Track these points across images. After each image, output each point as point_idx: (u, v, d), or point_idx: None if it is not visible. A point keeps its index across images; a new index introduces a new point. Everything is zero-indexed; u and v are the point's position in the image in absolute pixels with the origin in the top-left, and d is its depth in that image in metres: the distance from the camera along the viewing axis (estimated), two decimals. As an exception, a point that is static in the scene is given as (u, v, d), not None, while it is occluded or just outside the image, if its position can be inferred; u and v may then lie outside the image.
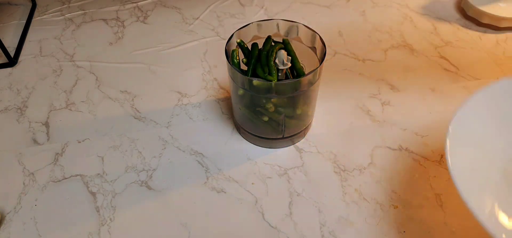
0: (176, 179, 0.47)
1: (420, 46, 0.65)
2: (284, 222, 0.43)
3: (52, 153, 0.51)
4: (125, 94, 0.59)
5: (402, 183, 0.46)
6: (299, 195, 0.45)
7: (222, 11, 0.75)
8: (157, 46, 0.67)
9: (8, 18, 0.75)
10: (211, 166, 0.49)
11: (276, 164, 0.49)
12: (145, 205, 0.45)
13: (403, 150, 0.50)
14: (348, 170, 0.48)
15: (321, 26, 0.70)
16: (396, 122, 0.53)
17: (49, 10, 0.77)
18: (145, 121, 0.55)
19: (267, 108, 0.45)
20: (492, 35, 0.67)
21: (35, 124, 0.55)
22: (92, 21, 0.74)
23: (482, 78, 0.59)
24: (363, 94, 0.57)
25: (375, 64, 0.62)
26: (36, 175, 0.49)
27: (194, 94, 0.58)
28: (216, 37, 0.69)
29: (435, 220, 0.43)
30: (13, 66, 0.65)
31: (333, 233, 0.42)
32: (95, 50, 0.67)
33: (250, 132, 0.50)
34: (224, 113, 0.55)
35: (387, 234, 0.42)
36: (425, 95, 0.57)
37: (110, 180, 0.48)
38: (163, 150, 0.51)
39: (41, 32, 0.71)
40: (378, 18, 0.72)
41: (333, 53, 0.65)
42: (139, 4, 0.77)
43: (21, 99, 0.59)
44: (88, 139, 0.53)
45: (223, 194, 0.46)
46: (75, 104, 0.57)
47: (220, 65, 0.63)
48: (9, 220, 0.44)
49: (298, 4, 0.76)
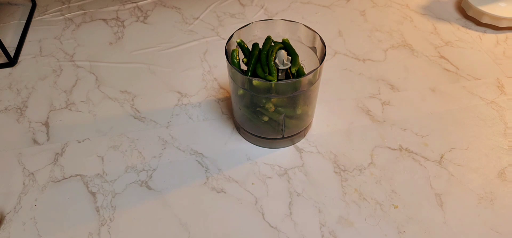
0: (176, 179, 0.47)
1: (420, 46, 0.65)
2: (284, 222, 0.43)
3: (52, 153, 0.51)
4: (125, 94, 0.59)
5: (402, 183, 0.46)
6: (299, 195, 0.45)
7: (222, 11, 0.75)
8: (157, 46, 0.67)
9: (8, 18, 0.75)
10: (211, 166, 0.49)
11: (276, 164, 0.49)
12: (145, 205, 0.45)
13: (403, 150, 0.50)
14: (348, 170, 0.48)
15: (321, 26, 0.70)
16: (396, 122, 0.53)
17: (49, 10, 0.77)
18: (145, 121, 0.54)
19: (267, 108, 0.45)
20: (492, 35, 0.67)
21: (35, 124, 0.55)
22: (92, 21, 0.74)
23: (482, 78, 0.59)
24: (363, 94, 0.57)
25: (375, 64, 0.62)
26: (36, 175, 0.49)
27: (194, 94, 0.58)
28: (216, 37, 0.69)
29: (435, 220, 0.43)
30: (13, 66, 0.65)
31: (333, 233, 0.42)
32: (95, 50, 0.67)
33: (250, 132, 0.50)
34: (224, 113, 0.55)
35: (387, 234, 0.42)
36: (425, 95, 0.57)
37: (110, 180, 0.48)
38: (163, 150, 0.51)
39: (41, 32, 0.71)
40: (378, 18, 0.72)
41: (333, 53, 0.65)
42: (139, 4, 0.77)
43: (21, 99, 0.59)
44: (88, 139, 0.53)
45: (223, 194, 0.46)
46: (75, 104, 0.57)
47: (220, 65, 0.63)
48: (9, 220, 0.44)
49: (298, 4, 0.76)
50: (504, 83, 0.58)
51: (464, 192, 0.45)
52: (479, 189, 0.46)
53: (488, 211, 0.44)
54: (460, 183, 0.46)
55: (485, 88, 0.58)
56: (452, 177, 0.47)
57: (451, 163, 0.48)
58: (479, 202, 0.44)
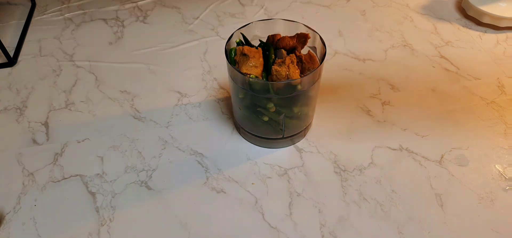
0: (176, 179, 0.47)
1: (420, 46, 0.65)
2: (284, 222, 0.43)
3: (52, 153, 0.51)
4: (125, 94, 0.59)
5: (402, 183, 0.46)
6: (299, 195, 0.45)
7: (222, 11, 0.74)
8: (157, 46, 0.67)
9: (7, 18, 0.75)
10: (211, 166, 0.49)
11: (276, 164, 0.49)
12: (145, 205, 0.45)
13: (403, 150, 0.50)
14: (348, 170, 0.48)
15: (321, 26, 0.70)
16: (396, 122, 0.53)
17: (49, 10, 0.77)
18: (145, 121, 0.54)
19: (267, 108, 0.44)
20: (492, 35, 0.67)
21: (34, 124, 0.55)
22: (91, 21, 0.74)
23: (482, 78, 0.59)
24: (364, 94, 0.57)
25: (375, 64, 0.62)
26: (36, 175, 0.48)
27: (194, 94, 0.58)
28: (216, 37, 0.69)
29: (435, 220, 0.43)
30: (12, 66, 0.64)
31: (333, 233, 0.42)
32: (95, 50, 0.67)
33: (250, 132, 0.49)
34: (224, 113, 0.55)
35: (387, 234, 0.42)
36: (425, 95, 0.57)
37: (109, 180, 0.47)
38: (163, 150, 0.51)
39: (40, 32, 0.71)
40: (378, 18, 0.72)
41: (333, 53, 0.65)
42: (139, 4, 0.77)
43: (20, 99, 0.59)
44: (87, 139, 0.52)
45: (223, 194, 0.46)
46: (75, 104, 0.57)
47: (220, 65, 0.63)
48: (9, 220, 0.44)
49: (298, 3, 0.76)
50: (504, 83, 0.58)
51: (464, 192, 0.45)
52: (479, 189, 0.46)
53: (488, 211, 0.44)
54: (460, 183, 0.46)
55: (486, 88, 0.58)
56: (452, 177, 0.47)
57: (451, 163, 0.48)
58: (479, 202, 0.44)
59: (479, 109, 0.55)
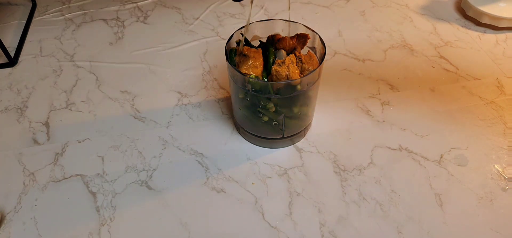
0: (176, 179, 0.47)
1: (420, 46, 0.66)
2: (284, 222, 0.43)
3: (52, 153, 0.51)
4: (125, 94, 0.59)
5: (402, 183, 0.46)
6: (299, 195, 0.46)
7: (222, 11, 0.75)
8: (157, 46, 0.67)
9: (8, 18, 0.75)
10: (211, 166, 0.49)
11: (276, 164, 0.49)
12: (145, 205, 0.45)
13: (402, 150, 0.50)
14: (348, 170, 0.48)
15: (321, 26, 0.70)
16: (396, 122, 0.53)
17: (49, 10, 0.77)
18: (145, 121, 0.55)
19: (267, 108, 0.45)
20: (492, 35, 0.68)
21: (35, 124, 0.55)
22: (92, 21, 0.74)
23: (482, 78, 0.59)
24: (363, 94, 0.57)
25: (375, 64, 0.62)
26: (36, 175, 0.49)
27: (194, 94, 0.58)
28: (216, 37, 0.69)
29: (435, 220, 0.43)
30: (13, 66, 0.65)
31: (333, 233, 0.42)
32: (95, 50, 0.67)
33: (250, 132, 0.50)
34: (224, 113, 0.55)
35: (387, 234, 0.42)
36: (425, 95, 0.57)
37: (110, 180, 0.48)
38: (163, 150, 0.51)
39: (41, 32, 0.71)
40: (378, 18, 0.72)
41: (333, 53, 0.65)
42: (139, 4, 0.77)
43: (21, 99, 0.59)
44: (88, 139, 0.53)
45: (223, 194, 0.46)
46: (75, 104, 0.58)
47: (220, 65, 0.63)
48: (9, 220, 0.44)
49: (298, 4, 0.76)
50: (503, 83, 0.58)
51: (463, 192, 0.46)
52: (479, 189, 0.46)
53: (487, 211, 0.44)
54: (460, 183, 0.46)
55: (485, 88, 0.58)
56: (452, 177, 0.47)
57: (450, 163, 0.48)
58: (479, 202, 0.44)
59: (479, 109, 0.55)
